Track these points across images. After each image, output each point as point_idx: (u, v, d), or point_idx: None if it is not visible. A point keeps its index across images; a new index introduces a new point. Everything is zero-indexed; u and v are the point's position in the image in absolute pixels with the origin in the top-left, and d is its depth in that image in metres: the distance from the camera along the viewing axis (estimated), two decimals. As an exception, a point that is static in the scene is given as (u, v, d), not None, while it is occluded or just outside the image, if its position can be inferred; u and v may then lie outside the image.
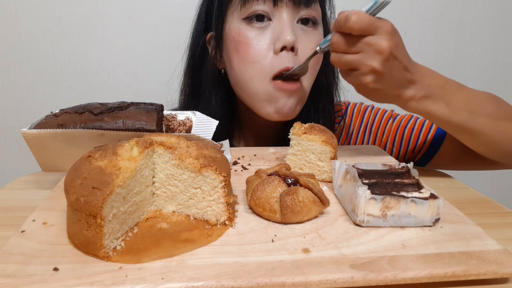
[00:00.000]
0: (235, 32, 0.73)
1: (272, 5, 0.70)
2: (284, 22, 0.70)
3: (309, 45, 0.73)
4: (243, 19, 0.72)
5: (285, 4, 0.70)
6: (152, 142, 0.47)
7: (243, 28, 0.72)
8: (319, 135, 0.60)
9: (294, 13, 0.71)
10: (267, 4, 0.70)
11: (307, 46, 0.72)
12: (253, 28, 0.72)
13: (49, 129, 0.54)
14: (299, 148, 0.61)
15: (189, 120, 0.67)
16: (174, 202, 0.49)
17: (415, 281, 0.38)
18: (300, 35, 0.72)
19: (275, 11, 0.70)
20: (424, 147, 0.81)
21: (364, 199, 0.45)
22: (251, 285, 0.36)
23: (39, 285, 0.35)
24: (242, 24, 0.72)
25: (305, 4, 0.71)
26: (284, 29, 0.69)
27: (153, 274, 0.37)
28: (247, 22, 0.72)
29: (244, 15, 0.71)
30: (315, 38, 0.74)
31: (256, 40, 0.71)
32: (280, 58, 0.70)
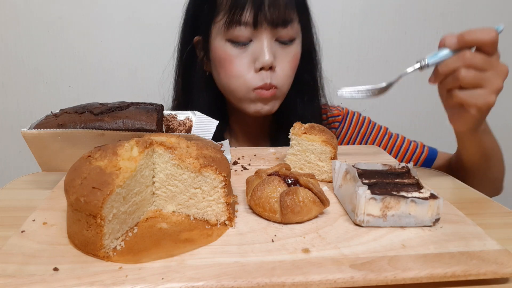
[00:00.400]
0: (220, 50, 0.79)
1: (252, 29, 0.76)
2: (263, 43, 0.77)
3: (286, 60, 0.80)
4: (227, 40, 0.78)
5: (264, 28, 0.76)
6: (152, 142, 0.47)
7: (227, 47, 0.79)
8: (319, 135, 0.60)
9: (273, 34, 0.78)
10: (248, 28, 0.76)
11: (284, 61, 0.80)
12: (236, 48, 0.78)
13: (49, 129, 0.54)
14: (299, 148, 0.61)
15: (189, 120, 0.67)
16: (174, 202, 0.49)
17: (415, 281, 0.38)
18: (278, 52, 0.79)
19: (256, 33, 0.77)
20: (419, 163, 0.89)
21: (364, 199, 0.45)
22: (251, 285, 0.36)
23: (39, 285, 0.35)
24: (226, 43, 0.79)
25: (282, 25, 0.77)
26: (263, 50, 0.77)
27: (153, 274, 0.37)
28: (230, 43, 0.78)
29: (228, 37, 0.78)
30: (292, 53, 0.81)
31: (239, 59, 0.78)
32: (260, 75, 0.78)
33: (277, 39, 0.78)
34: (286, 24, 0.77)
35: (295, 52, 0.82)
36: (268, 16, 0.74)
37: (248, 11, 0.74)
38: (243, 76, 0.79)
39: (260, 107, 0.82)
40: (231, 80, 0.80)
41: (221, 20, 0.77)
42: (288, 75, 0.81)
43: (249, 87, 0.79)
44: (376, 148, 0.78)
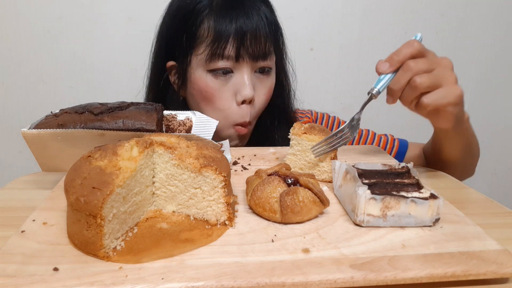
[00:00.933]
0: (201, 81, 0.80)
1: (234, 62, 0.78)
2: (244, 76, 0.79)
3: (263, 91, 0.83)
4: (208, 71, 0.79)
5: (246, 61, 0.78)
6: (152, 142, 0.47)
7: (209, 79, 0.79)
8: (319, 135, 0.60)
9: (253, 66, 0.80)
10: (230, 61, 0.78)
11: (262, 92, 0.83)
12: (218, 80, 0.79)
13: (49, 129, 0.54)
14: (299, 148, 0.61)
15: (189, 120, 0.67)
16: (174, 202, 0.49)
17: (415, 281, 0.38)
18: (256, 84, 0.82)
19: (237, 65, 0.79)
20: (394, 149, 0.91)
21: (364, 199, 0.45)
22: (251, 285, 0.36)
23: (39, 285, 0.35)
24: (208, 75, 0.79)
25: (262, 58, 0.80)
26: (244, 84, 0.79)
27: (153, 274, 0.37)
28: (212, 74, 0.79)
29: (209, 68, 0.79)
30: (268, 84, 0.84)
31: (221, 92, 0.80)
32: (242, 110, 0.81)
33: (256, 70, 0.81)
34: (266, 56, 0.80)
35: (270, 83, 0.85)
36: (250, 50, 0.77)
37: (231, 46, 0.76)
38: (226, 109, 0.81)
39: (236, 141, 0.86)
40: (214, 112, 0.81)
41: (203, 53, 0.78)
42: (263, 106, 0.85)
43: (230, 122, 0.82)
44: (376, 148, 0.78)
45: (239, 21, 0.75)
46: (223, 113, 0.81)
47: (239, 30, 0.75)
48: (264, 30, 0.77)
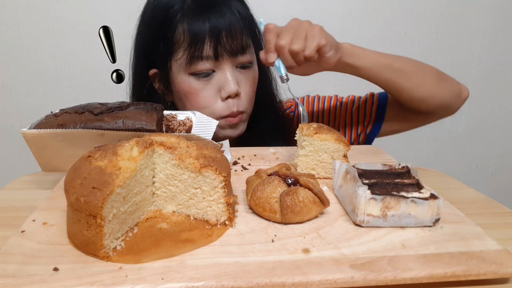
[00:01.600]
0: (184, 84, 0.81)
1: (214, 61, 0.79)
2: (226, 73, 0.80)
3: (247, 84, 0.84)
4: (190, 74, 0.80)
5: (225, 58, 0.79)
6: (152, 142, 0.47)
7: (191, 81, 0.80)
8: (330, 134, 0.60)
9: (233, 62, 0.81)
10: (209, 61, 0.78)
11: (246, 86, 0.84)
12: (200, 81, 0.80)
13: (49, 129, 0.54)
14: (311, 149, 0.61)
15: (189, 120, 0.67)
16: (174, 202, 0.49)
17: (415, 281, 0.38)
18: (239, 78, 0.82)
19: (217, 64, 0.79)
20: (371, 118, 0.94)
21: (364, 199, 0.45)
22: (251, 285, 0.36)
23: (39, 285, 0.35)
24: (189, 77, 0.80)
25: (241, 52, 0.80)
26: (227, 80, 0.80)
27: (153, 274, 0.37)
28: (194, 76, 0.80)
29: (191, 71, 0.80)
30: (251, 76, 0.85)
31: (204, 91, 0.81)
32: (227, 104, 0.81)
33: (237, 65, 0.82)
34: (244, 51, 0.81)
35: (254, 75, 0.86)
36: (227, 47, 0.78)
37: (208, 46, 0.76)
38: (210, 106, 0.81)
39: (230, 132, 0.85)
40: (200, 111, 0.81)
41: (182, 57, 0.78)
42: (251, 98, 0.86)
43: (217, 117, 0.82)
44: (376, 148, 0.78)
45: (212, 19, 0.76)
46: (209, 109, 0.82)
47: (213, 29, 0.76)
48: (238, 25, 0.78)
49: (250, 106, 0.87)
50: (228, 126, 0.85)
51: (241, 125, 0.87)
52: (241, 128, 0.87)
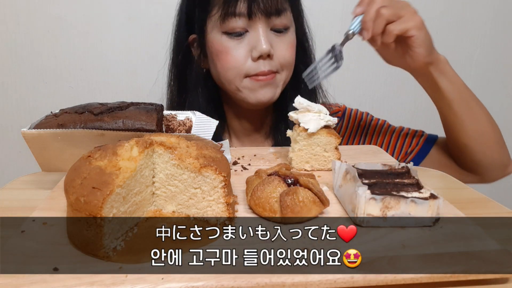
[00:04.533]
0: (216, 43, 0.80)
1: (247, 19, 0.77)
2: (259, 32, 0.78)
3: (283, 47, 0.81)
4: (223, 32, 0.79)
5: (258, 17, 0.77)
6: (152, 142, 0.47)
7: (224, 40, 0.80)
8: (321, 128, 0.63)
9: (267, 23, 0.79)
10: (242, 19, 0.77)
11: (282, 49, 0.81)
12: (232, 39, 0.79)
13: (49, 129, 0.54)
14: (305, 143, 0.64)
15: (189, 120, 0.67)
16: (174, 202, 0.49)
17: (415, 281, 0.38)
18: (274, 41, 0.80)
19: (251, 23, 0.78)
20: (415, 149, 0.89)
21: (364, 199, 0.45)
22: (251, 285, 0.36)
23: (39, 285, 0.35)
24: (222, 36, 0.80)
25: (276, 14, 0.79)
26: (259, 39, 0.78)
27: (153, 274, 0.37)
28: (227, 35, 0.79)
29: (223, 30, 0.79)
30: (288, 40, 0.83)
31: (235, 49, 0.79)
32: (257, 64, 0.79)
33: (272, 28, 0.80)
34: (280, 13, 0.79)
35: (291, 40, 0.83)
36: (261, 6, 0.76)
37: (242, 3, 0.76)
38: (240, 66, 0.79)
39: (261, 94, 0.82)
40: (228, 72, 0.81)
41: (216, 14, 0.79)
42: (286, 61, 0.82)
43: (245, 75, 0.80)
44: (376, 148, 0.78)
45: None
46: (238, 69, 0.80)
47: None
48: None
49: (285, 69, 0.83)
50: (258, 86, 0.81)
51: (273, 87, 0.83)
52: (273, 91, 0.83)
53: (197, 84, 0.88)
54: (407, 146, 0.89)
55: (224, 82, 0.84)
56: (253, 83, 0.81)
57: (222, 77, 0.83)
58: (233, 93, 0.84)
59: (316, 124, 0.62)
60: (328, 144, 0.63)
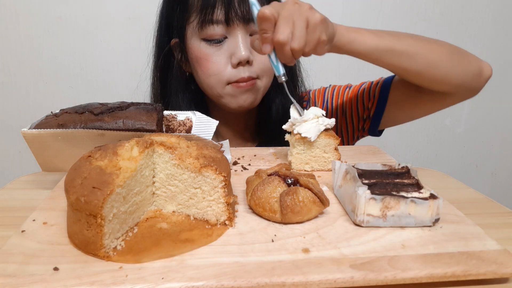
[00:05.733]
0: (196, 49, 0.81)
1: (225, 26, 0.78)
2: (238, 39, 0.78)
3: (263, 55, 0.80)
4: (202, 39, 0.80)
5: (237, 24, 0.78)
6: (152, 142, 0.47)
7: (203, 46, 0.80)
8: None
9: (246, 29, 0.79)
10: (220, 26, 0.78)
11: (261, 56, 0.78)
12: (212, 46, 0.80)
13: (49, 129, 0.54)
14: (303, 148, 0.64)
15: (189, 120, 0.67)
16: (174, 202, 0.49)
17: (415, 281, 0.38)
18: None
19: (229, 29, 0.78)
20: (375, 99, 0.88)
21: (364, 199, 0.45)
22: (251, 285, 0.36)
23: (39, 285, 0.35)
24: (201, 43, 0.80)
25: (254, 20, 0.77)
26: (238, 46, 0.78)
27: (153, 274, 0.37)
28: (205, 42, 0.80)
29: (202, 37, 0.80)
30: None
31: (215, 56, 0.80)
32: (237, 71, 0.80)
33: (251, 34, 0.80)
34: None
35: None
36: (239, 12, 0.76)
37: (219, 10, 0.76)
38: (220, 72, 0.80)
39: (242, 100, 0.83)
40: (209, 78, 0.81)
41: (194, 21, 0.79)
42: (266, 67, 0.82)
43: (223, 82, 0.80)
44: (376, 148, 0.78)
45: None
46: (218, 76, 0.80)
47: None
48: None
49: (265, 75, 0.83)
50: (238, 92, 0.82)
51: (253, 93, 0.83)
52: (254, 96, 0.84)
53: (179, 87, 0.89)
54: (366, 100, 0.89)
55: (206, 88, 0.85)
56: (234, 89, 0.81)
57: (204, 83, 0.84)
58: (215, 98, 0.85)
59: (316, 131, 0.62)
60: (327, 145, 0.64)
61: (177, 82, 0.89)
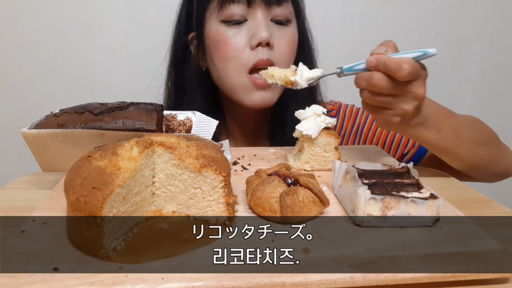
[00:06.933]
0: (215, 33, 0.79)
1: (246, 7, 0.76)
2: (258, 20, 0.76)
3: (284, 41, 0.79)
4: (221, 21, 0.78)
5: (258, 5, 0.76)
6: (152, 142, 0.47)
7: (222, 28, 0.78)
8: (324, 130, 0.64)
9: (267, 12, 0.77)
10: (241, 6, 0.76)
11: (282, 41, 0.78)
12: (231, 28, 0.77)
13: (49, 129, 0.54)
14: (304, 145, 0.64)
15: (189, 120, 0.67)
16: (174, 202, 0.49)
17: (415, 281, 0.38)
18: (275, 32, 0.78)
19: (250, 11, 0.76)
20: (412, 150, 0.85)
21: (364, 199, 0.45)
22: (251, 285, 0.36)
23: (39, 285, 0.35)
24: (220, 25, 0.78)
25: (276, 3, 0.77)
26: (258, 27, 0.75)
27: (153, 274, 0.37)
28: (225, 24, 0.78)
29: (222, 18, 0.77)
30: (288, 34, 0.80)
31: (234, 38, 0.77)
32: (256, 52, 0.77)
33: (272, 19, 0.78)
34: (280, 2, 0.77)
35: (292, 34, 0.81)
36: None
37: None
38: (239, 56, 0.77)
39: (259, 96, 0.79)
40: (227, 63, 0.78)
41: (214, 1, 0.78)
42: (286, 56, 0.79)
43: (244, 69, 0.77)
44: (376, 148, 0.78)
45: None
46: (236, 60, 0.77)
47: None
48: None
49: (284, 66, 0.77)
50: (255, 86, 0.78)
51: (270, 91, 0.80)
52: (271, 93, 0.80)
53: (196, 83, 0.87)
54: (403, 147, 0.86)
55: (223, 77, 0.81)
56: (251, 84, 0.79)
57: (222, 72, 0.80)
58: (230, 91, 0.82)
59: (317, 128, 0.62)
60: (328, 144, 0.64)
61: (193, 77, 0.87)
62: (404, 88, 0.54)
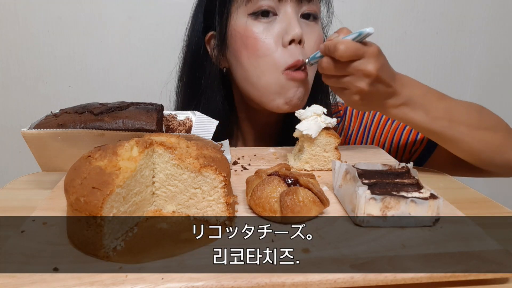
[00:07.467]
0: (242, 28, 0.74)
1: (277, 0, 0.72)
2: (290, 16, 0.72)
3: (313, 39, 0.75)
4: (249, 15, 0.73)
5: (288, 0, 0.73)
6: (152, 142, 0.47)
7: (250, 23, 0.73)
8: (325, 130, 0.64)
9: (297, 8, 0.74)
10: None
11: (311, 39, 0.75)
12: (260, 23, 0.73)
13: (49, 129, 0.54)
14: (304, 145, 0.64)
15: (189, 120, 0.67)
16: (174, 202, 0.49)
17: (415, 281, 0.38)
18: (304, 28, 0.74)
19: (280, 5, 0.73)
20: (420, 147, 0.83)
21: (364, 199, 0.45)
22: (251, 285, 0.36)
23: (39, 285, 0.35)
24: (248, 19, 0.73)
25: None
26: (291, 22, 0.72)
27: (153, 274, 0.37)
28: (253, 18, 0.73)
29: (250, 11, 0.73)
30: (317, 31, 0.77)
31: (264, 34, 0.73)
32: (290, 51, 0.72)
33: (301, 15, 0.75)
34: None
35: (320, 31, 0.78)
36: None
37: None
38: (271, 54, 0.72)
39: (292, 94, 0.74)
40: (258, 61, 0.73)
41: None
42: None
43: (279, 68, 0.72)
44: (376, 148, 0.78)
45: None
46: (269, 58, 0.72)
47: None
48: None
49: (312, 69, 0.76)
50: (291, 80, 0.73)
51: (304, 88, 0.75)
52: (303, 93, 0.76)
53: (215, 85, 0.83)
54: (411, 145, 0.84)
55: (252, 76, 0.75)
56: (287, 81, 0.73)
57: (251, 70, 0.75)
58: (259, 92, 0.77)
59: (317, 128, 0.62)
60: (328, 144, 0.64)
61: (211, 79, 0.82)
62: (350, 67, 0.60)
